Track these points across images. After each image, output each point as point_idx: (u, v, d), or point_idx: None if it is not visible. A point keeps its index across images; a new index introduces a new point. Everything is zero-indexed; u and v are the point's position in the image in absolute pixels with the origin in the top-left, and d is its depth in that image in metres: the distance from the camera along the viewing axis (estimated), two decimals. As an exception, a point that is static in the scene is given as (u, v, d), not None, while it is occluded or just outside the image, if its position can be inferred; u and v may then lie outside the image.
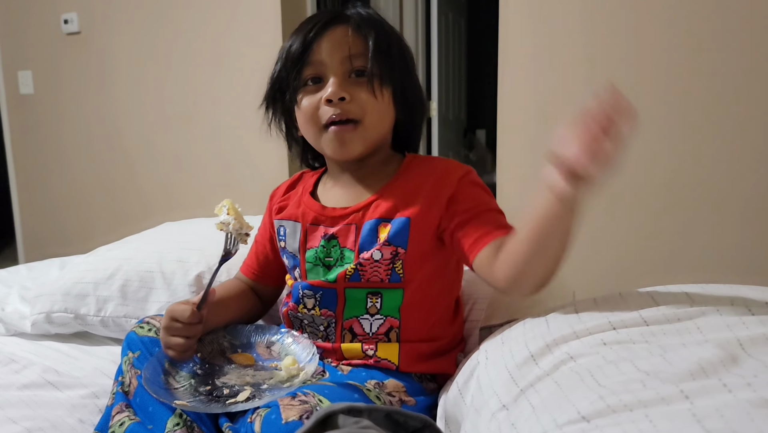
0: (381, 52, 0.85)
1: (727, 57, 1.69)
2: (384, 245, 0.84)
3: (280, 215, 0.97)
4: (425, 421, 0.63)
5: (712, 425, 0.47)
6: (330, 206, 0.91)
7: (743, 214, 1.73)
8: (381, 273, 0.85)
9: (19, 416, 0.88)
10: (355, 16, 0.87)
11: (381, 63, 0.84)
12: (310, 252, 0.90)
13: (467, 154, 4.24)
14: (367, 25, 0.86)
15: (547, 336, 0.72)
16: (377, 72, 0.84)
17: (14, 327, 1.22)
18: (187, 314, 0.82)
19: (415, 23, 3.34)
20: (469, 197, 0.87)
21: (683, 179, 1.79)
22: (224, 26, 2.44)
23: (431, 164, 0.92)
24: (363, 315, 0.87)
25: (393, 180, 0.90)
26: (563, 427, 0.56)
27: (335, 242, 0.89)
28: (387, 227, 0.85)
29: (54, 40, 2.85)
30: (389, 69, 0.86)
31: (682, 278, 1.50)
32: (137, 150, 2.76)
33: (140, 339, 0.88)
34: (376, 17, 0.89)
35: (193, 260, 1.18)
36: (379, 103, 0.85)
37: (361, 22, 0.86)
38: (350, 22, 0.86)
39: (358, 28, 0.85)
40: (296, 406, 0.67)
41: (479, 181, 0.91)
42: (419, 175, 0.89)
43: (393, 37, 0.89)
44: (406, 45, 0.92)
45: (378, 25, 0.87)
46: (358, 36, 0.85)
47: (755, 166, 1.71)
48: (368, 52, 0.84)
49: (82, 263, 1.24)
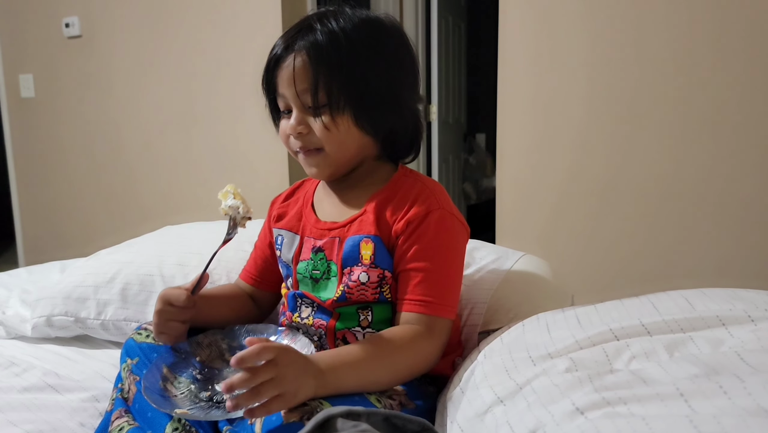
0: (331, 83, 0.81)
1: (725, 61, 1.70)
2: (371, 267, 0.84)
3: (279, 224, 0.98)
4: (424, 424, 0.64)
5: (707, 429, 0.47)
6: (323, 219, 0.92)
7: (742, 218, 1.74)
8: (368, 295, 0.85)
9: (19, 419, 0.88)
10: (307, 46, 0.81)
11: (331, 94, 0.81)
12: (302, 264, 0.91)
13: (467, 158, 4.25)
14: (317, 56, 0.81)
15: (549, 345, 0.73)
16: (326, 104, 0.82)
17: (15, 330, 1.22)
18: (182, 298, 0.84)
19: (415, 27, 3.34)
20: (420, 239, 0.84)
21: (682, 183, 1.80)
22: (224, 31, 2.45)
23: (413, 187, 0.88)
24: (355, 327, 0.87)
25: (378, 194, 0.88)
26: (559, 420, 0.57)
27: (322, 255, 0.89)
28: (369, 245, 0.85)
29: (55, 43, 2.85)
30: (342, 98, 0.81)
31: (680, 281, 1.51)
32: (137, 153, 2.77)
33: (138, 345, 0.89)
34: (334, 39, 0.81)
35: (193, 264, 1.19)
36: (334, 134, 0.83)
37: (312, 51, 0.81)
38: (301, 54, 0.82)
39: (308, 61, 0.81)
40: (297, 408, 0.68)
41: (442, 224, 0.85)
42: (401, 196, 0.87)
43: (353, 56, 0.81)
44: (383, 53, 0.84)
45: (333, 50, 0.81)
46: (307, 70, 0.81)
47: (754, 170, 1.71)
48: (312, 88, 0.81)
49: (83, 267, 1.25)
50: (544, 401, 0.62)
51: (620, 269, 1.91)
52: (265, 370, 0.65)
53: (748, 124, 1.70)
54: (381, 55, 0.84)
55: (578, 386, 0.61)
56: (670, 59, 1.76)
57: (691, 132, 1.77)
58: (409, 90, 0.88)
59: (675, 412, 0.52)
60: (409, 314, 0.83)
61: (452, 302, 0.86)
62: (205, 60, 2.51)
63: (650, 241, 1.85)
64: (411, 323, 0.82)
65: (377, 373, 0.78)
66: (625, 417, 0.53)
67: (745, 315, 0.67)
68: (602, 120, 1.87)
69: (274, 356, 0.66)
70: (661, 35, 1.76)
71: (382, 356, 0.78)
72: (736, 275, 1.74)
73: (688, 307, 0.72)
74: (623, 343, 0.68)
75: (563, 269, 1.39)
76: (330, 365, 0.73)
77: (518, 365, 0.72)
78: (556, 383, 0.63)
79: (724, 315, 0.68)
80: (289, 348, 0.72)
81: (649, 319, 0.70)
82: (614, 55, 1.82)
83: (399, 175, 0.91)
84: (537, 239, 2.00)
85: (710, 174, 1.76)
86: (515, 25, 1.95)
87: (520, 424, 0.61)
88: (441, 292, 0.83)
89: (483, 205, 3.98)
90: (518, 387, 0.67)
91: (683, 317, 0.69)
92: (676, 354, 0.64)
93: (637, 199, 1.86)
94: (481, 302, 1.03)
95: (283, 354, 0.68)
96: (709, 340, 0.65)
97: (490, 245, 1.25)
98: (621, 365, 0.65)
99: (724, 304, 0.71)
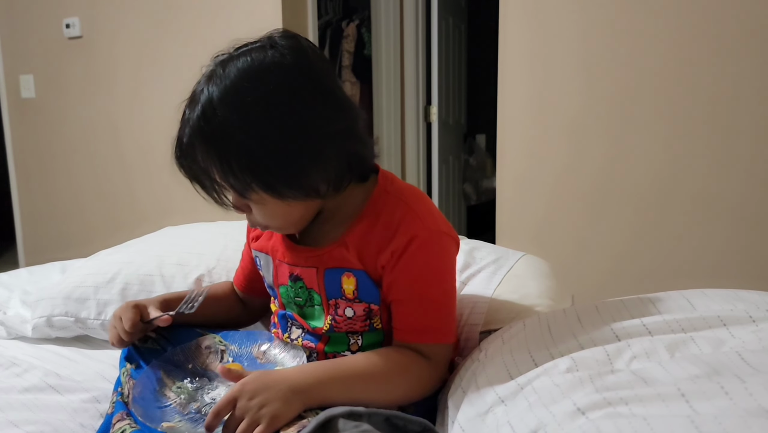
0: (226, 165, 0.72)
1: (721, 63, 1.70)
2: (355, 302, 0.81)
3: (255, 244, 0.93)
4: (424, 425, 0.64)
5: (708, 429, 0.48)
6: (297, 242, 0.86)
7: (738, 219, 1.74)
8: (356, 327, 0.83)
9: (20, 420, 0.88)
10: (190, 134, 0.74)
11: (232, 178, 0.72)
12: (282, 288, 0.88)
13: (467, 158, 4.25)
14: (203, 139, 0.73)
15: (550, 344, 0.73)
16: (238, 188, 0.74)
17: (15, 331, 1.22)
18: (129, 325, 0.85)
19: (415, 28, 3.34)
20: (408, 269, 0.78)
21: (678, 184, 1.80)
22: (225, 32, 2.44)
23: (395, 212, 0.79)
24: (344, 352, 0.85)
25: (356, 223, 0.80)
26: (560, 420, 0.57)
27: (301, 283, 0.84)
28: (351, 279, 0.80)
29: (56, 44, 2.85)
30: (246, 177, 0.72)
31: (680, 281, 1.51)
32: (138, 154, 2.77)
33: (137, 350, 0.89)
34: (208, 116, 0.72)
35: (193, 264, 1.19)
36: (267, 207, 0.76)
37: (196, 135, 0.74)
38: (195, 144, 0.74)
39: (200, 149, 0.74)
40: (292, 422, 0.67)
41: (429, 249, 0.79)
42: (382, 224, 0.79)
43: (237, 128, 0.71)
44: (279, 109, 0.71)
45: (211, 129, 0.72)
46: (203, 159, 0.74)
47: (749, 171, 1.72)
48: (219, 175, 0.74)
49: (83, 267, 1.25)
50: (546, 401, 0.62)
51: (620, 269, 1.91)
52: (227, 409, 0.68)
53: (744, 122, 1.70)
54: (269, 116, 0.71)
55: (579, 386, 0.61)
56: (669, 60, 1.76)
57: (687, 133, 1.77)
58: (327, 126, 0.73)
59: (676, 412, 0.52)
60: (406, 344, 0.80)
61: (449, 326, 0.82)
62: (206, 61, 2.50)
63: (650, 241, 1.85)
64: (411, 348, 0.80)
65: (369, 394, 0.74)
66: (627, 417, 0.53)
67: (747, 315, 0.68)
68: (602, 121, 1.87)
69: (231, 401, 0.68)
70: (658, 39, 1.76)
71: (377, 377, 0.75)
72: (736, 273, 1.75)
73: (689, 307, 0.72)
74: (624, 343, 0.68)
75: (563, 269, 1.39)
76: (319, 380, 0.72)
77: (519, 364, 0.72)
78: (557, 383, 0.63)
79: (725, 315, 0.68)
80: (262, 375, 0.71)
81: (650, 319, 0.70)
82: (615, 57, 1.83)
83: (378, 194, 0.81)
84: (537, 239, 2.00)
85: (709, 173, 1.76)
86: (515, 27, 1.95)
87: (521, 424, 0.61)
88: (436, 318, 0.80)
89: (483, 206, 3.98)
90: (519, 387, 0.67)
91: (684, 317, 0.69)
92: (677, 354, 0.64)
93: (637, 201, 1.86)
94: (481, 302, 1.03)
95: (252, 383, 0.69)
96: (710, 340, 0.65)
97: (490, 245, 1.25)
98: (622, 364, 0.65)
99: (725, 304, 0.71)
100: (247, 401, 0.67)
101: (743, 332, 0.65)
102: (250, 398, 0.67)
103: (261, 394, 0.68)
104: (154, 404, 0.80)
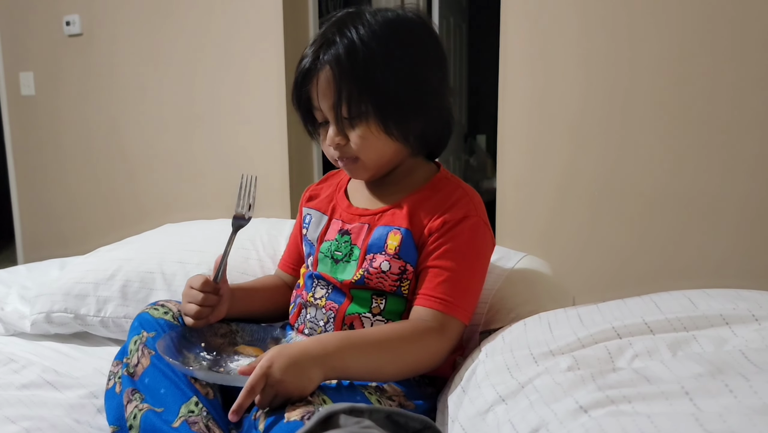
0: (355, 96, 0.83)
1: (721, 63, 1.70)
2: (394, 258, 0.87)
3: (310, 204, 1.02)
4: (426, 422, 0.63)
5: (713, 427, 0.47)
6: (355, 205, 0.95)
7: (740, 219, 1.74)
8: (386, 285, 0.87)
9: (17, 416, 0.88)
10: (329, 61, 0.83)
11: (357, 107, 0.83)
12: (325, 244, 0.94)
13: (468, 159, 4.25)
14: (339, 71, 0.83)
15: (551, 343, 0.72)
16: (354, 117, 0.85)
17: (14, 327, 1.21)
18: (201, 281, 0.88)
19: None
20: (453, 240, 0.86)
21: (679, 184, 1.80)
22: (226, 29, 2.44)
23: (454, 191, 0.90)
24: (366, 313, 0.88)
25: (416, 193, 0.91)
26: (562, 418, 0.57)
27: (348, 238, 0.92)
28: (397, 236, 0.88)
29: (55, 41, 2.85)
30: (368, 109, 0.84)
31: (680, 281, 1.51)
32: (137, 152, 2.77)
33: (156, 320, 0.88)
34: (353, 51, 0.82)
35: (194, 261, 1.18)
36: (367, 144, 0.86)
37: (334, 66, 0.83)
38: (325, 70, 0.84)
39: (331, 76, 0.83)
40: (300, 406, 0.68)
41: (476, 231, 0.89)
42: (441, 197, 0.90)
43: (373, 67, 0.82)
44: (405, 58, 0.85)
45: (353, 63, 0.82)
46: (331, 86, 0.84)
47: (749, 172, 1.72)
48: (338, 102, 0.84)
49: (83, 263, 1.24)
50: (547, 400, 0.61)
51: (621, 269, 1.91)
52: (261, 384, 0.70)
53: (746, 121, 1.70)
54: (403, 61, 0.84)
55: (581, 384, 0.61)
56: (669, 59, 1.76)
57: (686, 133, 1.77)
58: (438, 87, 0.89)
59: (680, 410, 0.51)
60: (424, 309, 0.84)
61: (469, 307, 0.87)
62: (207, 59, 2.50)
63: (651, 242, 1.85)
64: (425, 318, 0.83)
65: (383, 361, 0.79)
66: (630, 415, 0.52)
67: (749, 314, 0.67)
68: (603, 122, 1.87)
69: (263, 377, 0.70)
70: (658, 39, 1.76)
71: (390, 345, 0.79)
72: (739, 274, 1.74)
73: (691, 306, 0.72)
74: (626, 341, 0.68)
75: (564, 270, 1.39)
76: (337, 347, 0.75)
77: (520, 363, 0.71)
78: (559, 382, 0.63)
79: (727, 314, 0.68)
80: (282, 350, 0.73)
81: (652, 317, 0.70)
82: (616, 58, 1.83)
83: (440, 178, 0.93)
84: (537, 240, 2.00)
85: (711, 173, 1.76)
86: (516, 27, 1.95)
87: (523, 423, 0.61)
88: (461, 294, 0.85)
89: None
90: (520, 386, 0.67)
91: (686, 316, 0.69)
92: (680, 353, 0.64)
93: (638, 201, 1.86)
94: (482, 302, 1.03)
95: (275, 360, 0.71)
96: (713, 339, 0.65)
97: (491, 245, 1.24)
98: (624, 363, 0.65)
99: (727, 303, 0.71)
100: (280, 374, 0.69)
101: (746, 331, 0.64)
102: (282, 372, 0.69)
103: (290, 369, 0.70)
104: (179, 359, 0.82)
